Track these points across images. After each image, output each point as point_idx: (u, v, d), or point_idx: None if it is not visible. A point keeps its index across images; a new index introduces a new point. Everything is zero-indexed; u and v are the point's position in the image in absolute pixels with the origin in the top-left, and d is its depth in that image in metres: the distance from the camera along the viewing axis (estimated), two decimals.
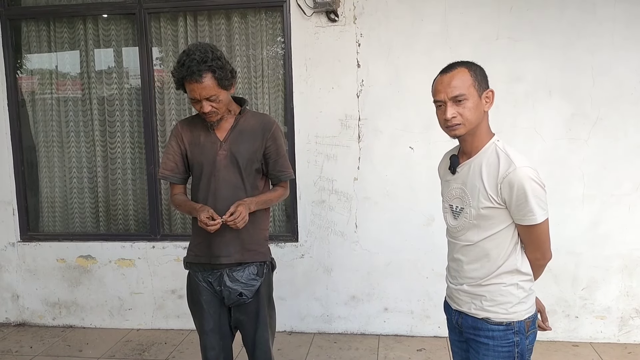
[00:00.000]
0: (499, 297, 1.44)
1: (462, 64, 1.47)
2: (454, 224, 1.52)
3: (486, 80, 1.48)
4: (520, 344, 1.45)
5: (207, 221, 1.78)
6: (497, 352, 1.44)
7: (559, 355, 2.91)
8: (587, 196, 2.97)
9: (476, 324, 1.47)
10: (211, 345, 1.98)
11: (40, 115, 3.48)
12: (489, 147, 1.45)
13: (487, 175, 1.41)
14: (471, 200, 1.45)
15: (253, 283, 1.93)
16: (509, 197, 1.38)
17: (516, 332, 1.44)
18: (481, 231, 1.44)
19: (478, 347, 1.47)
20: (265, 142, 1.95)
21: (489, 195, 1.40)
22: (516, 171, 1.36)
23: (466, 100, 1.42)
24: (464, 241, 1.49)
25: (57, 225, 3.54)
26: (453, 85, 1.43)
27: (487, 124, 1.49)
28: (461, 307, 1.52)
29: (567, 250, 3.01)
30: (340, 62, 3.06)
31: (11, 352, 3.11)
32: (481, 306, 1.46)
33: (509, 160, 1.39)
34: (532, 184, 1.37)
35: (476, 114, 1.44)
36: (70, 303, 3.44)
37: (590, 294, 3.03)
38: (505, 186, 1.37)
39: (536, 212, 1.37)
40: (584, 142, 2.95)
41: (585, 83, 2.91)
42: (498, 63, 2.93)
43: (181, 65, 1.79)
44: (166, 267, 3.30)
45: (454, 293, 1.55)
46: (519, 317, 1.45)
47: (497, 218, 1.42)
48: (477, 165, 1.45)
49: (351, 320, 3.20)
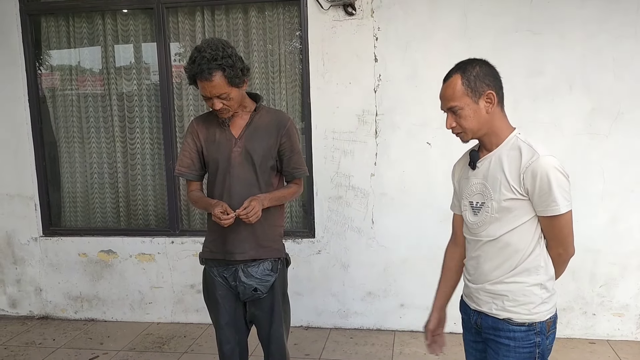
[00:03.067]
0: (521, 297, 1.41)
1: (457, 69, 1.44)
2: (473, 220, 1.48)
3: (488, 80, 1.41)
4: (542, 344, 1.42)
5: (220, 215, 1.79)
6: (519, 353, 1.41)
7: (576, 353, 2.89)
8: (606, 192, 2.93)
9: (497, 325, 1.44)
10: (227, 339, 2.01)
11: (60, 111, 3.52)
12: (510, 140, 1.43)
13: (509, 166, 1.38)
14: (493, 194, 1.41)
15: (268, 279, 1.95)
16: (531, 186, 1.35)
17: (538, 333, 1.41)
18: (503, 225, 1.40)
19: (498, 348, 1.44)
20: (280, 139, 1.95)
21: (511, 187, 1.37)
22: (539, 160, 1.34)
23: (461, 110, 1.41)
24: (486, 237, 1.45)
25: (78, 220, 3.60)
26: (447, 96, 1.43)
27: (501, 121, 1.45)
28: (481, 307, 1.48)
29: (585, 247, 2.96)
30: (358, 56, 3.04)
31: (35, 344, 3.19)
32: (503, 306, 1.43)
33: (531, 150, 1.37)
34: (556, 173, 1.34)
35: (476, 121, 1.41)
36: (92, 297, 3.51)
37: (608, 291, 3.00)
38: (528, 175, 1.34)
39: (560, 202, 1.34)
40: (605, 137, 2.90)
41: (607, 77, 2.85)
42: (517, 56, 2.89)
43: (192, 62, 1.79)
44: (185, 262, 3.35)
45: (473, 293, 1.51)
46: (541, 318, 1.42)
47: (520, 210, 1.38)
48: (497, 158, 1.42)
49: (367, 315, 3.21)
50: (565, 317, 3.05)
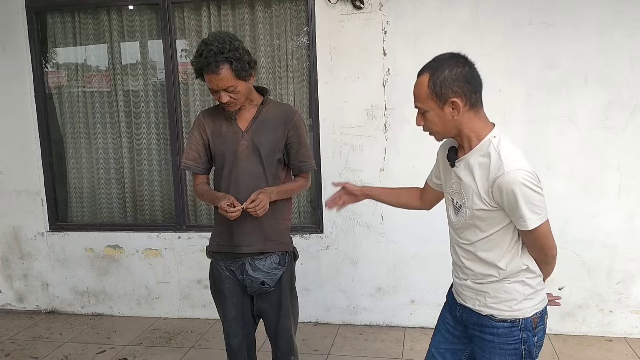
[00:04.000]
0: (503, 294, 1.39)
1: (428, 68, 1.37)
2: (455, 220, 1.46)
3: (457, 86, 1.32)
4: (528, 340, 1.39)
5: (227, 208, 1.78)
6: (503, 349, 1.39)
7: (592, 350, 2.83)
8: (623, 187, 2.87)
9: (481, 321, 1.43)
10: (234, 333, 2.00)
11: (67, 107, 3.52)
12: (483, 145, 1.35)
13: (480, 176, 1.34)
14: (466, 200, 1.38)
15: (275, 272, 1.93)
16: (500, 200, 1.31)
17: (522, 329, 1.39)
18: (478, 232, 1.38)
19: (483, 344, 1.43)
20: (287, 132, 1.93)
21: (482, 198, 1.33)
22: (504, 176, 1.27)
23: (426, 112, 1.37)
24: (463, 239, 1.44)
25: (85, 215, 3.60)
26: (414, 94, 1.40)
27: (473, 124, 1.36)
28: (466, 303, 1.47)
29: (602, 243, 2.92)
30: (366, 50, 3.00)
31: (42, 338, 3.19)
32: (485, 303, 1.41)
33: (499, 163, 1.29)
34: (523, 189, 1.26)
35: (441, 125, 1.37)
36: (98, 292, 3.51)
37: (626, 288, 2.94)
38: (496, 190, 1.30)
39: (527, 219, 1.28)
40: (621, 130, 2.84)
41: (623, 69, 2.79)
42: (531, 49, 2.84)
43: (199, 55, 1.78)
44: (192, 257, 3.33)
45: (458, 288, 1.50)
46: (524, 314, 1.38)
47: (494, 219, 1.35)
48: (471, 163, 1.37)
49: (377, 312, 3.18)
50: (581, 314, 3.00)
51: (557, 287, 3.00)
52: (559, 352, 2.82)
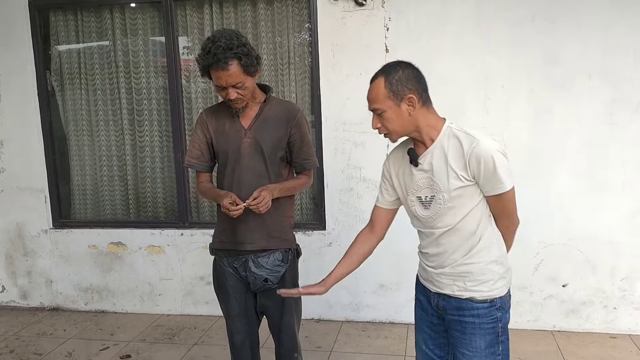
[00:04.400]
0: (481, 275, 1.48)
1: (382, 72, 1.47)
2: (426, 215, 1.51)
3: (410, 84, 1.44)
4: (502, 318, 1.50)
5: (229, 206, 1.78)
6: (483, 329, 1.47)
7: (595, 347, 2.83)
8: (627, 183, 2.85)
9: (460, 305, 1.49)
10: (237, 330, 2.00)
11: (69, 105, 3.53)
12: (445, 132, 1.47)
13: (453, 156, 1.43)
14: (441, 186, 1.46)
15: (278, 269, 1.94)
16: (477, 170, 1.41)
17: (499, 308, 1.49)
18: (457, 212, 1.46)
19: (464, 327, 1.49)
20: (290, 130, 1.93)
21: (459, 175, 1.43)
22: (480, 145, 1.39)
23: (384, 112, 1.45)
24: (443, 227, 1.49)
25: (88, 212, 3.61)
26: (371, 98, 1.48)
27: (429, 118, 1.48)
28: (443, 290, 1.53)
29: (605, 239, 2.91)
30: (368, 47, 3.00)
31: (46, 335, 3.21)
32: (464, 287, 1.49)
33: (469, 137, 1.42)
34: (498, 155, 1.39)
35: (400, 123, 1.46)
36: (102, 288, 3.52)
37: (630, 284, 2.93)
38: (473, 161, 1.40)
39: (504, 181, 1.41)
40: (625, 127, 2.83)
41: (627, 66, 2.78)
42: (534, 46, 2.83)
43: (207, 52, 1.77)
44: (195, 254, 3.34)
45: (433, 277, 1.55)
46: (500, 293, 1.49)
47: (470, 195, 1.45)
48: (439, 150, 1.46)
49: (380, 308, 3.18)
50: (585, 311, 2.99)
51: (561, 284, 3.00)
52: (563, 349, 2.81)
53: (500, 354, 1.48)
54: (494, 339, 1.48)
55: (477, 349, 1.47)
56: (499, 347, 1.48)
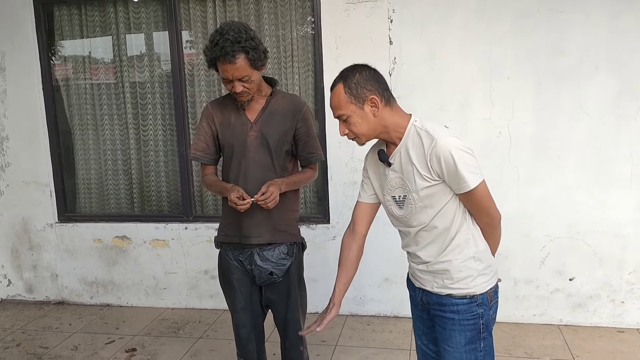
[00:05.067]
0: (458, 273, 1.47)
1: (340, 78, 1.47)
2: (401, 214, 1.52)
3: (369, 86, 1.44)
4: (485, 315, 1.48)
5: (237, 201, 1.78)
6: (463, 325, 1.47)
7: (603, 341, 2.80)
8: (635, 176, 2.82)
9: (441, 300, 1.51)
10: (243, 323, 2.01)
11: (74, 99, 3.54)
12: (409, 130, 1.47)
13: (416, 156, 1.44)
14: (410, 186, 1.46)
15: (283, 262, 1.94)
16: (439, 170, 1.40)
17: (480, 304, 1.47)
18: (430, 210, 1.46)
19: (444, 322, 1.50)
20: (296, 124, 1.93)
21: (423, 176, 1.43)
22: (437, 144, 1.38)
23: (349, 117, 1.45)
24: (418, 225, 1.49)
25: (93, 206, 3.62)
26: (333, 106, 1.48)
27: (394, 117, 1.48)
28: (424, 286, 1.55)
29: (613, 232, 2.88)
30: (372, 39, 2.98)
31: (52, 329, 3.23)
32: (443, 284, 1.50)
33: (429, 136, 1.41)
34: (457, 152, 1.37)
35: (366, 126, 1.46)
36: (107, 282, 3.54)
37: (638, 278, 2.90)
38: (434, 161, 1.39)
39: (467, 179, 1.38)
40: (633, 119, 2.79)
41: (635, 57, 2.74)
42: (539, 37, 2.81)
43: (214, 45, 1.76)
44: (199, 247, 3.34)
45: (416, 273, 1.58)
46: (480, 290, 1.48)
47: (440, 193, 1.44)
48: (405, 150, 1.47)
49: (384, 302, 3.17)
50: (592, 305, 2.97)
51: (567, 278, 2.97)
52: (570, 343, 2.79)
53: (482, 350, 1.48)
54: (475, 335, 1.47)
55: (457, 345, 1.47)
56: (481, 344, 1.48)
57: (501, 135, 2.93)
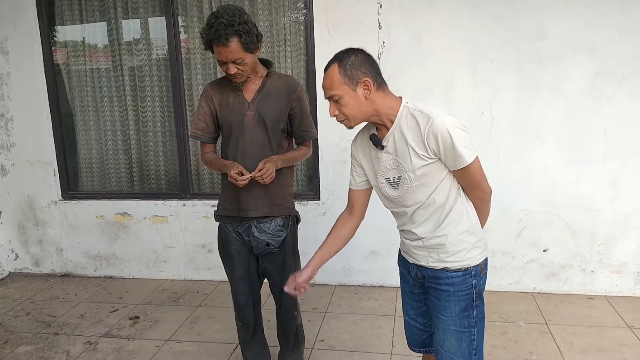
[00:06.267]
0: (453, 247, 1.51)
1: (335, 59, 1.48)
2: (395, 195, 1.54)
3: (364, 68, 1.46)
4: (477, 285, 1.53)
5: (236, 177, 1.87)
6: (458, 296, 1.52)
7: (574, 307, 2.98)
8: (608, 154, 2.97)
9: (436, 274, 1.54)
10: (241, 290, 2.12)
11: (75, 82, 3.64)
12: (402, 112, 1.48)
13: (412, 136, 1.45)
14: (406, 166, 1.48)
15: (279, 234, 2.05)
16: (436, 148, 1.42)
17: (473, 276, 1.52)
18: (426, 188, 1.49)
19: (439, 294, 1.54)
20: (291, 104, 2.02)
21: (419, 155, 1.45)
22: (435, 122, 1.40)
23: (341, 98, 1.46)
24: (413, 205, 1.52)
25: (95, 184, 3.76)
26: (326, 86, 1.49)
27: (385, 100, 1.49)
28: (419, 261, 1.58)
29: (586, 207, 3.04)
30: (362, 24, 3.07)
31: (58, 299, 3.40)
32: (438, 258, 1.53)
33: (424, 116, 1.43)
34: (454, 129, 1.40)
35: (357, 107, 1.47)
36: (109, 256, 3.70)
37: (607, 249, 3.07)
38: (431, 139, 1.42)
39: (464, 155, 1.42)
40: (608, 100, 2.92)
41: (612, 40, 2.85)
42: (523, 21, 2.91)
43: (209, 27, 1.82)
44: (196, 223, 3.50)
45: (410, 249, 1.60)
46: (474, 262, 1.52)
47: (435, 171, 1.47)
48: (399, 132, 1.48)
49: (370, 273, 3.35)
50: (564, 274, 3.14)
51: (542, 249, 3.16)
52: (543, 309, 2.97)
53: (474, 317, 1.53)
54: (469, 304, 1.52)
55: (452, 314, 1.53)
56: (474, 311, 1.53)
57: (483, 115, 3.06)
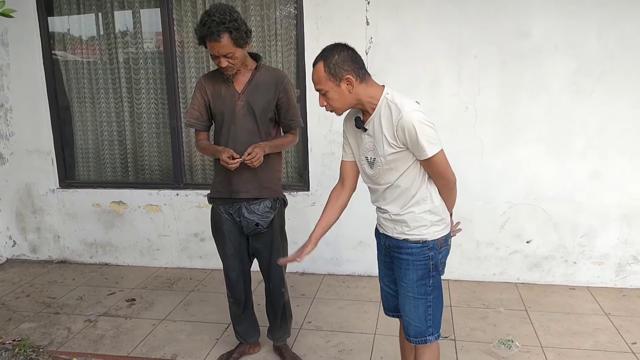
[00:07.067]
0: (414, 222, 1.72)
1: (321, 57, 1.64)
2: (371, 173, 1.74)
3: (347, 66, 1.61)
4: (434, 258, 1.74)
5: (228, 160, 2.06)
6: (416, 265, 1.73)
7: (555, 296, 3.07)
8: (589, 148, 3.06)
9: (399, 244, 1.75)
10: (233, 267, 2.30)
11: (72, 74, 3.73)
12: (382, 102, 1.65)
13: (386, 125, 1.63)
14: (379, 150, 1.67)
15: (268, 215, 2.23)
16: (404, 139, 1.60)
17: (431, 248, 1.73)
18: (395, 172, 1.68)
19: (400, 262, 1.76)
20: (278, 94, 2.19)
21: (390, 143, 1.63)
22: (404, 117, 1.58)
23: (327, 92, 1.64)
24: (385, 184, 1.72)
25: (91, 173, 3.86)
26: (314, 80, 1.66)
27: (368, 91, 1.65)
28: (387, 232, 1.80)
29: (567, 199, 3.12)
30: (350, 20, 3.16)
31: (57, 283, 3.50)
32: (402, 231, 1.74)
33: (397, 109, 1.60)
34: (419, 125, 1.57)
35: (342, 100, 1.65)
36: (105, 243, 3.80)
37: (589, 241, 3.16)
38: (399, 131, 1.60)
39: (426, 148, 1.59)
40: (588, 95, 3.01)
41: (591, 37, 2.94)
42: (505, 19, 3.00)
43: (203, 25, 2.02)
44: (189, 212, 3.60)
45: (382, 221, 1.82)
46: (432, 237, 1.73)
47: (403, 158, 1.65)
48: (378, 119, 1.66)
49: (358, 263, 3.44)
50: (547, 265, 3.23)
51: (525, 241, 3.25)
52: (525, 298, 3.06)
53: (430, 285, 1.75)
54: (425, 274, 1.73)
55: (410, 281, 1.74)
56: (430, 280, 1.74)
57: (468, 110, 3.15)
